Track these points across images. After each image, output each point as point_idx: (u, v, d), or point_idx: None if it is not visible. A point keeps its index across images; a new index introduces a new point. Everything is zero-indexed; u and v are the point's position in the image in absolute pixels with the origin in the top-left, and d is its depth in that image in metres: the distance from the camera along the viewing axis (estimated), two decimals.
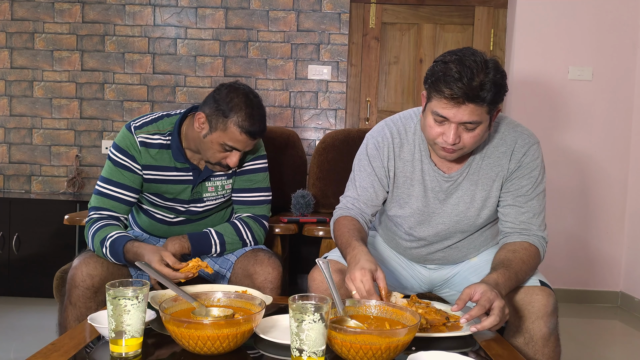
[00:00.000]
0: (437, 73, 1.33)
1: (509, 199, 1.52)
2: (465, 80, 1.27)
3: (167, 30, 3.60)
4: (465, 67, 1.28)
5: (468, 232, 1.60)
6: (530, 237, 1.50)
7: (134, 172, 1.72)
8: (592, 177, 3.48)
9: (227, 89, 1.66)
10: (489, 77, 1.29)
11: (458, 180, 1.53)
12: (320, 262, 1.29)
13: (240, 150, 1.68)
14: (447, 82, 1.29)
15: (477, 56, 1.31)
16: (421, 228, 1.61)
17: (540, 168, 1.51)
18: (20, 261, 3.20)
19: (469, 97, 1.28)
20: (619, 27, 3.42)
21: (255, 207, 1.85)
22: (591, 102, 3.45)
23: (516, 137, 1.51)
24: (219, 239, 1.75)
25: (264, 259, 1.71)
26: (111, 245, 1.61)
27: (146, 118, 1.76)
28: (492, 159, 1.51)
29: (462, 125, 1.34)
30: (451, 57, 1.33)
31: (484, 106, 1.31)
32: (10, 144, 3.63)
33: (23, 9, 3.58)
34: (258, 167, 1.85)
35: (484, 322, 1.22)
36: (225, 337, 1.08)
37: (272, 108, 3.62)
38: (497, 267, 1.39)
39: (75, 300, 1.57)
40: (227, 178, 1.82)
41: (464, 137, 1.36)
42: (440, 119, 1.36)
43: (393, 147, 1.56)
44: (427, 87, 1.37)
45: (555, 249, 3.36)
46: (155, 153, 1.72)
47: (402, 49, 3.68)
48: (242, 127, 1.63)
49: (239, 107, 1.63)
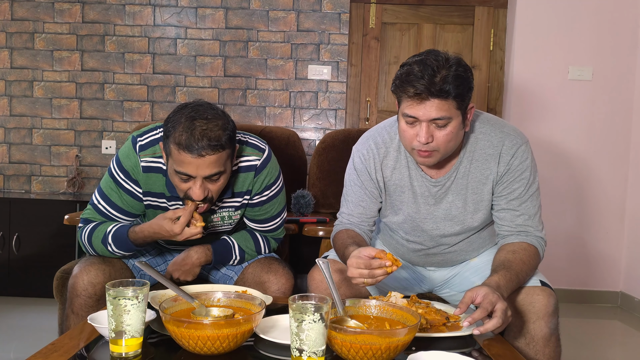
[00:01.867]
0: (401, 75, 1.36)
1: (502, 203, 1.51)
2: (426, 77, 1.30)
3: (167, 30, 3.60)
4: (426, 66, 1.32)
5: (465, 235, 1.60)
6: (528, 237, 1.49)
7: (135, 197, 1.57)
8: (592, 177, 3.48)
9: (176, 107, 1.44)
10: (450, 71, 1.32)
11: (446, 184, 1.52)
12: (320, 262, 1.29)
13: (194, 175, 1.39)
14: (409, 81, 1.32)
15: (439, 55, 1.35)
16: (416, 233, 1.61)
17: (530, 169, 1.50)
18: (20, 261, 3.20)
19: (432, 92, 1.31)
20: (619, 27, 3.42)
21: (272, 233, 1.78)
22: (591, 102, 3.45)
23: (503, 138, 1.50)
24: (240, 255, 1.71)
25: (278, 268, 1.68)
26: (114, 237, 1.55)
27: (154, 134, 1.53)
28: (480, 162, 1.50)
29: (433, 123, 1.35)
30: (414, 59, 1.37)
31: (450, 100, 1.32)
32: (10, 144, 3.63)
33: (23, 9, 3.58)
34: (272, 195, 1.66)
35: (487, 325, 1.22)
36: (225, 337, 1.07)
37: (272, 108, 3.62)
38: (498, 269, 1.39)
39: (77, 310, 1.54)
40: (235, 210, 1.65)
41: (437, 136, 1.37)
42: (411, 120, 1.37)
43: (379, 157, 1.57)
44: (393, 90, 1.40)
45: (555, 249, 3.36)
46: (158, 179, 1.55)
47: (402, 49, 3.68)
48: (179, 143, 1.34)
49: (179, 122, 1.37)
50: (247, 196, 1.63)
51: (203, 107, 1.42)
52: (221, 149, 1.38)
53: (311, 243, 2.39)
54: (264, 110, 3.62)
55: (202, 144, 1.34)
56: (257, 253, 1.76)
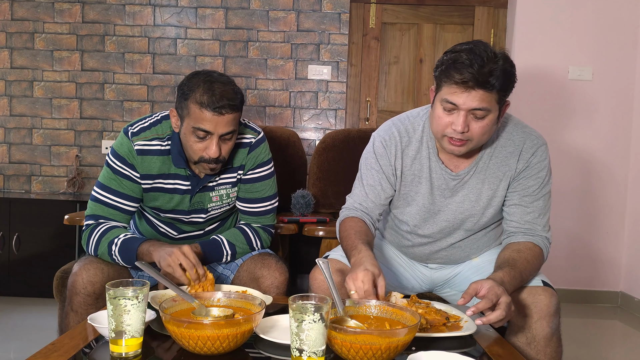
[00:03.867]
0: (447, 61, 1.36)
1: (516, 198, 1.53)
2: (475, 66, 1.30)
3: (167, 30, 3.60)
4: (475, 55, 1.31)
5: (472, 231, 1.60)
6: (534, 237, 1.50)
7: (133, 180, 1.64)
8: (592, 177, 3.48)
9: (189, 75, 1.58)
10: (498, 64, 1.32)
11: (465, 178, 1.54)
12: (320, 262, 1.29)
13: (212, 132, 1.52)
14: (457, 68, 1.32)
15: (488, 47, 1.34)
16: (425, 225, 1.61)
17: (547, 169, 1.52)
18: (20, 261, 3.20)
19: (479, 82, 1.31)
20: (619, 27, 3.42)
21: (262, 218, 1.81)
22: (591, 102, 3.45)
23: (524, 137, 1.52)
24: (231, 249, 1.72)
25: (271, 263, 1.69)
26: (122, 245, 1.57)
27: (144, 122, 1.66)
28: (500, 158, 1.52)
29: (471, 113, 1.35)
30: (462, 47, 1.36)
31: (494, 92, 1.33)
32: (10, 144, 3.63)
33: (23, 9, 3.58)
34: (263, 175, 1.76)
35: (490, 316, 1.23)
36: (225, 337, 1.07)
37: (272, 108, 3.62)
38: (502, 266, 1.40)
39: (76, 307, 1.56)
40: (231, 186, 1.74)
41: (472, 127, 1.37)
42: (450, 107, 1.37)
43: (401, 145, 1.56)
44: (437, 75, 1.39)
45: (556, 249, 3.35)
46: (153, 161, 1.64)
47: (402, 49, 3.68)
48: (201, 102, 1.50)
49: (197, 84, 1.52)
50: (241, 171, 1.74)
51: (216, 73, 1.58)
52: (237, 109, 1.55)
53: (311, 243, 2.39)
54: (264, 110, 3.62)
55: (222, 103, 1.50)
56: (249, 247, 1.77)
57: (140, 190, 1.67)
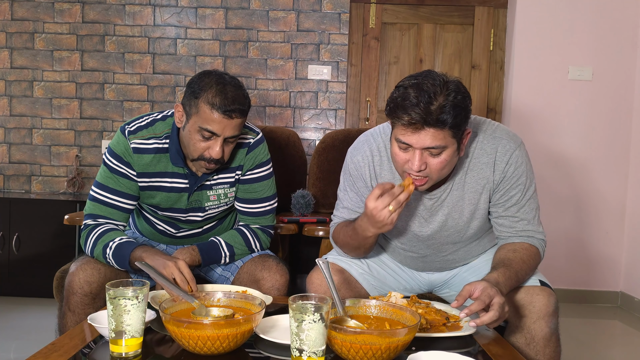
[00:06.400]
0: (395, 99, 1.28)
1: (500, 210, 1.50)
2: (422, 105, 1.23)
3: (167, 30, 3.60)
4: (422, 92, 1.24)
5: (463, 244, 1.60)
6: (530, 239, 1.50)
7: (130, 179, 1.65)
8: (592, 177, 3.48)
9: (200, 73, 1.57)
10: (448, 99, 1.24)
11: (442, 197, 1.50)
12: (320, 263, 1.29)
13: (219, 134, 1.52)
14: (404, 107, 1.25)
15: (436, 79, 1.27)
16: (412, 243, 1.61)
17: (526, 173, 1.47)
18: (20, 261, 3.20)
19: (428, 121, 1.24)
20: (619, 27, 3.42)
21: (261, 218, 1.80)
22: (591, 102, 3.45)
23: (496, 144, 1.46)
24: (229, 250, 1.71)
25: (272, 265, 1.69)
26: (117, 249, 1.56)
27: (141, 121, 1.66)
28: (475, 171, 1.47)
29: (427, 150, 1.30)
30: (410, 81, 1.29)
31: (446, 129, 1.26)
32: (10, 144, 3.63)
33: (23, 9, 3.58)
34: (262, 175, 1.76)
35: (483, 317, 1.22)
36: (225, 337, 1.08)
37: (272, 108, 3.62)
38: (498, 266, 1.39)
39: (74, 307, 1.56)
40: (229, 186, 1.74)
41: (430, 164, 1.32)
42: (404, 146, 1.31)
43: (374, 166, 1.53)
44: (387, 114, 1.32)
45: (555, 250, 3.36)
46: (150, 159, 1.64)
47: (402, 49, 3.68)
48: (212, 104, 1.49)
49: (210, 85, 1.52)
50: (239, 171, 1.73)
51: (227, 75, 1.57)
52: (245, 114, 1.56)
53: (311, 243, 2.39)
54: (264, 110, 3.62)
55: (233, 107, 1.50)
56: (248, 248, 1.76)
57: (137, 188, 1.67)
